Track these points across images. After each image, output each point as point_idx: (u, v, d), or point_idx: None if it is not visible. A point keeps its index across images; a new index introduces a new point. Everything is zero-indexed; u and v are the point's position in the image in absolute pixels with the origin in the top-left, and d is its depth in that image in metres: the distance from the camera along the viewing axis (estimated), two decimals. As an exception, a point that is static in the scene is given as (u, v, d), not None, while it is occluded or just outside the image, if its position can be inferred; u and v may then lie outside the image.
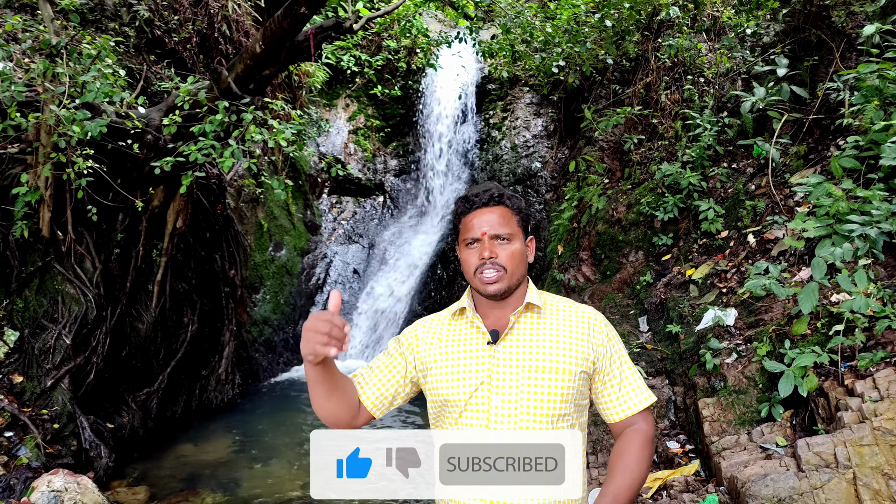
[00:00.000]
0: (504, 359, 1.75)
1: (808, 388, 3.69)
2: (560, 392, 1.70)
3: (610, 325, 1.85)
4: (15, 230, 5.21)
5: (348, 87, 10.89)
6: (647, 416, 1.82)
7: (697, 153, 6.37)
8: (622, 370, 1.81)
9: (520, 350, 1.75)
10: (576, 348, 1.75)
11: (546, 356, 1.73)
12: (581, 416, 1.79)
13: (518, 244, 1.81)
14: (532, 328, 1.78)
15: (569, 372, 1.71)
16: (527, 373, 1.71)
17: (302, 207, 9.85)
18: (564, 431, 1.72)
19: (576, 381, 1.72)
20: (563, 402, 1.70)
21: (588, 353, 1.76)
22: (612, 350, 1.81)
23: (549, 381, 1.70)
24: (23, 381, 5.24)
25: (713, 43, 7.52)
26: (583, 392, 1.77)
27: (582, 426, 1.80)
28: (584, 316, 1.82)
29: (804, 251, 4.69)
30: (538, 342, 1.75)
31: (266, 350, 8.46)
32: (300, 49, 5.71)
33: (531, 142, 9.74)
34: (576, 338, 1.76)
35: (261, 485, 5.38)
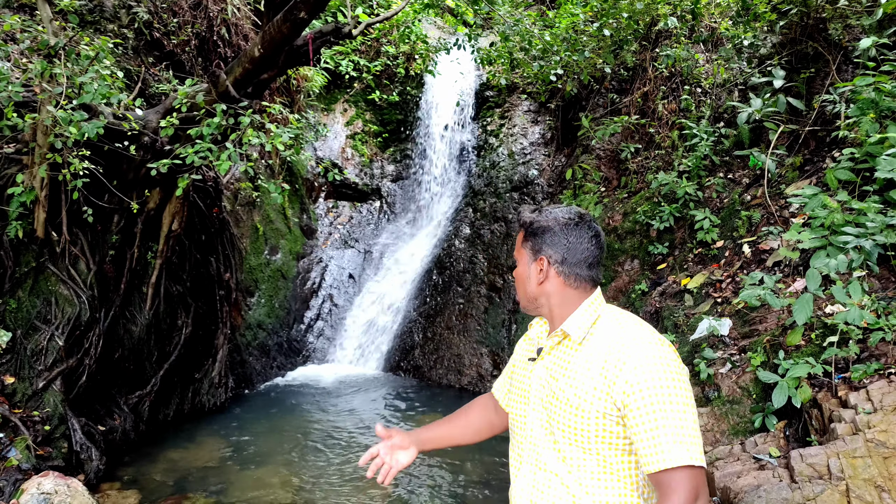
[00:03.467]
0: (537, 377, 1.81)
1: (802, 399, 3.70)
2: (573, 423, 1.65)
3: (653, 369, 1.56)
4: (9, 230, 5.19)
5: (346, 91, 10.91)
6: (682, 483, 1.51)
7: (694, 163, 6.39)
8: (649, 422, 1.55)
9: (549, 374, 1.76)
10: (590, 389, 1.63)
11: (563, 386, 1.69)
12: (625, 460, 1.64)
13: (520, 267, 1.85)
14: (562, 355, 1.75)
15: (582, 408, 1.64)
16: (549, 397, 1.74)
17: (298, 211, 9.84)
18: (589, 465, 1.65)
19: (592, 418, 1.62)
20: (578, 434, 1.64)
21: (607, 396, 1.61)
22: (637, 399, 1.56)
23: (564, 411, 1.67)
24: (14, 382, 5.21)
25: (710, 53, 7.56)
26: (611, 433, 1.62)
27: (629, 476, 1.64)
28: (614, 357, 1.62)
29: (799, 262, 4.70)
30: (561, 370, 1.73)
31: (260, 354, 8.43)
32: (299, 53, 5.72)
33: (528, 149, 9.76)
34: (595, 380, 1.63)
35: (252, 490, 5.35)
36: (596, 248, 1.76)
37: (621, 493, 1.64)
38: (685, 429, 1.53)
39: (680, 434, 1.52)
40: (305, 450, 6.19)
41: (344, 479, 5.57)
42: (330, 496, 5.26)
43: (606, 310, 1.76)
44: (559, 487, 1.69)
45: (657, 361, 1.58)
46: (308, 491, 5.34)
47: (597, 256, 1.77)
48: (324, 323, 9.43)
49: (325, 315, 9.49)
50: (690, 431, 1.54)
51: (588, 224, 1.78)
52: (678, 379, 1.57)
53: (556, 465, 1.70)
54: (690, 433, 1.53)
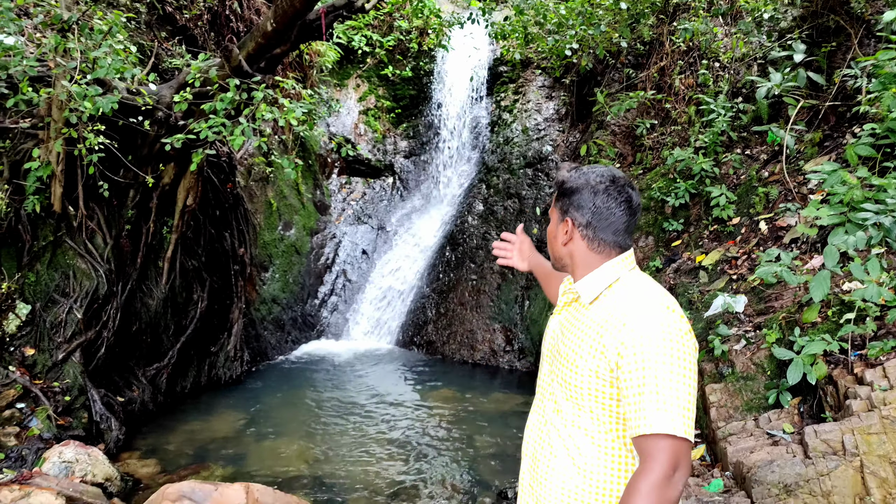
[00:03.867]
0: (551, 330, 1.87)
1: (817, 376, 3.69)
2: (569, 379, 1.68)
3: (650, 334, 1.53)
4: (27, 205, 5.24)
5: (359, 67, 10.83)
6: (661, 452, 1.48)
7: (710, 139, 6.31)
8: (637, 385, 1.52)
9: (560, 328, 1.81)
10: (588, 348, 1.63)
11: (566, 342, 1.73)
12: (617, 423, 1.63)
13: (551, 225, 1.86)
14: (574, 313, 1.78)
15: (578, 365, 1.65)
16: (554, 351, 1.79)
17: (311, 187, 9.85)
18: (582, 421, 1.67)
19: (585, 376, 1.62)
20: (575, 389, 1.66)
21: (602, 356, 1.60)
22: (629, 361, 1.53)
23: (563, 366, 1.71)
24: (34, 353, 5.30)
25: (729, 27, 7.42)
26: (604, 394, 1.61)
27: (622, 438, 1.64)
28: (615, 320, 1.59)
29: (817, 239, 4.66)
30: (567, 327, 1.76)
31: (274, 328, 8.51)
32: (311, 28, 5.68)
33: (542, 125, 9.68)
34: (593, 340, 1.62)
35: (268, 460, 5.44)
36: (626, 215, 1.69)
37: (612, 452, 1.64)
38: (674, 398, 1.48)
39: (667, 402, 1.48)
40: (320, 422, 6.27)
41: (359, 451, 5.64)
42: (345, 467, 5.34)
43: (631, 274, 1.70)
44: (556, 439, 1.73)
45: (658, 327, 1.53)
46: (323, 462, 5.43)
47: (626, 223, 1.70)
48: (337, 298, 9.48)
49: (338, 290, 9.55)
50: (680, 402, 1.49)
51: (620, 188, 1.69)
52: (678, 348, 1.52)
53: (553, 416, 1.75)
54: (680, 403, 1.48)
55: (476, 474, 5.29)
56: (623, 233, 1.71)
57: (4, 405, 4.90)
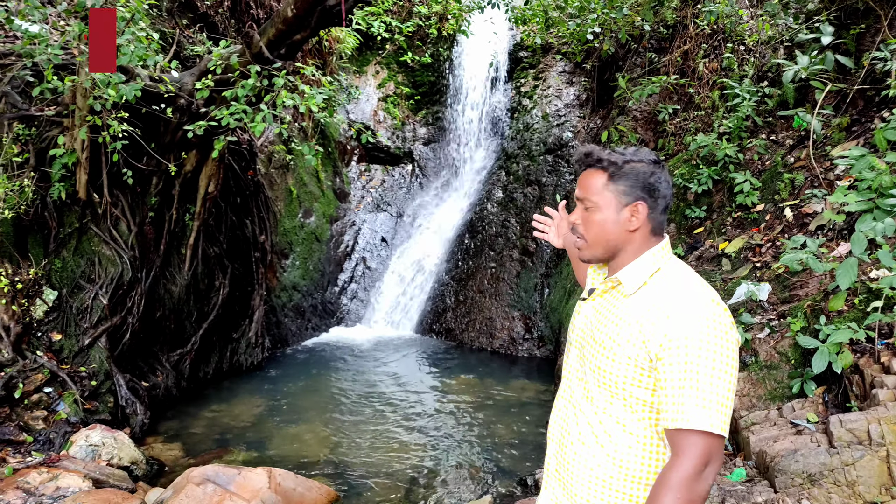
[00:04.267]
0: (584, 316, 1.80)
1: (843, 365, 3.63)
2: (603, 366, 1.64)
3: (695, 328, 1.50)
4: (53, 192, 5.32)
5: (378, 53, 10.80)
6: (693, 447, 1.47)
7: (735, 124, 6.21)
8: (677, 378, 1.50)
9: (594, 315, 1.75)
10: (627, 335, 1.59)
11: (602, 328, 1.68)
12: (650, 412, 1.61)
13: (601, 213, 1.66)
14: (612, 300, 1.70)
15: (615, 352, 1.61)
16: (587, 337, 1.73)
17: (331, 175, 9.87)
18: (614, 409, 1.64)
19: (622, 363, 1.59)
20: (609, 376, 1.63)
21: (642, 344, 1.56)
22: (671, 354, 1.50)
23: (598, 353, 1.67)
24: (61, 338, 5.39)
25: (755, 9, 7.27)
26: (640, 383, 1.59)
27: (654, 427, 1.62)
28: (659, 309, 1.56)
29: (844, 226, 4.57)
30: (605, 314, 1.70)
31: (295, 315, 8.58)
32: (331, 14, 5.66)
33: (563, 111, 9.59)
34: (634, 328, 1.59)
35: (289, 445, 5.50)
36: (671, 191, 1.68)
37: (644, 440, 1.63)
38: (714, 394, 1.46)
39: (706, 398, 1.46)
40: (340, 408, 6.33)
41: (379, 437, 5.68)
42: (365, 453, 5.38)
43: (670, 263, 1.67)
44: (585, 426, 1.71)
45: (703, 320, 1.50)
46: (343, 448, 5.48)
47: (671, 201, 1.69)
48: (357, 285, 9.53)
49: (358, 278, 9.58)
50: (719, 398, 1.46)
51: (664, 165, 1.69)
52: (722, 343, 1.49)
53: (584, 404, 1.72)
54: (719, 399, 1.46)
55: (496, 461, 5.31)
56: (667, 212, 1.71)
57: (32, 389, 5.00)
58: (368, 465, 5.18)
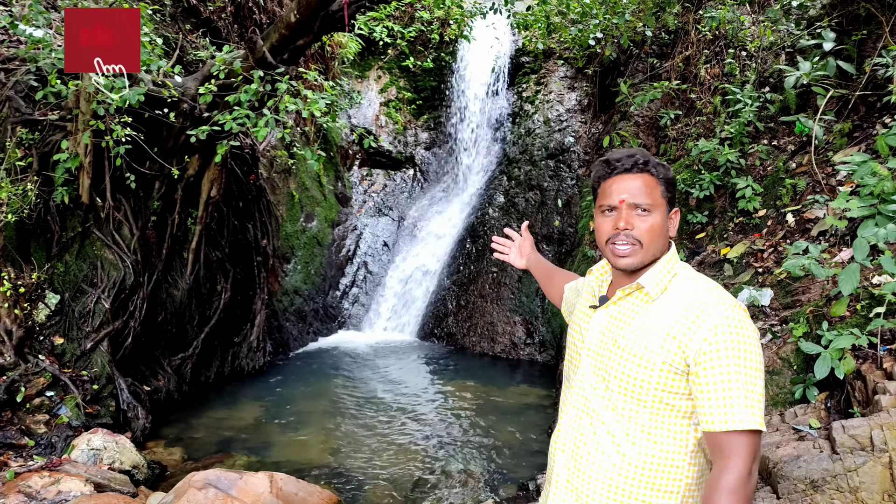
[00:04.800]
0: (597, 323, 1.77)
1: (846, 371, 3.63)
2: (631, 373, 1.62)
3: (732, 330, 1.54)
4: (56, 196, 5.33)
5: (380, 58, 10.83)
6: (745, 448, 1.50)
7: (737, 129, 6.22)
8: (722, 381, 1.52)
9: (613, 322, 1.72)
10: (661, 341, 1.59)
11: (627, 335, 1.66)
12: (678, 418, 1.62)
13: (659, 217, 1.69)
14: (631, 306, 1.70)
15: (646, 358, 1.60)
16: (609, 344, 1.70)
17: (333, 179, 9.89)
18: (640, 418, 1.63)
19: (656, 369, 1.59)
20: (636, 384, 1.62)
21: (678, 349, 1.57)
22: (713, 357, 1.53)
23: (624, 359, 1.64)
24: (63, 342, 5.40)
25: (757, 15, 7.29)
26: (672, 388, 1.59)
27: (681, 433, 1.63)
28: (692, 313, 1.58)
29: (846, 231, 4.57)
30: (627, 320, 1.68)
31: (296, 319, 8.58)
32: (334, 19, 5.68)
33: (564, 116, 9.61)
34: (667, 332, 1.59)
35: (290, 450, 5.50)
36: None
37: (669, 448, 1.62)
38: (757, 392, 1.52)
39: (752, 397, 1.51)
40: (341, 413, 6.32)
41: (380, 442, 5.68)
42: (366, 457, 5.38)
43: (682, 268, 1.72)
44: (605, 436, 1.68)
45: (737, 323, 1.55)
46: (345, 452, 5.47)
47: None
48: (359, 290, 9.53)
49: (359, 282, 9.59)
50: (760, 396, 1.52)
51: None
52: (754, 342, 1.55)
53: (604, 413, 1.69)
54: (759, 397, 1.52)
55: (497, 466, 5.30)
56: None
57: (34, 393, 5.01)
58: (370, 470, 5.18)
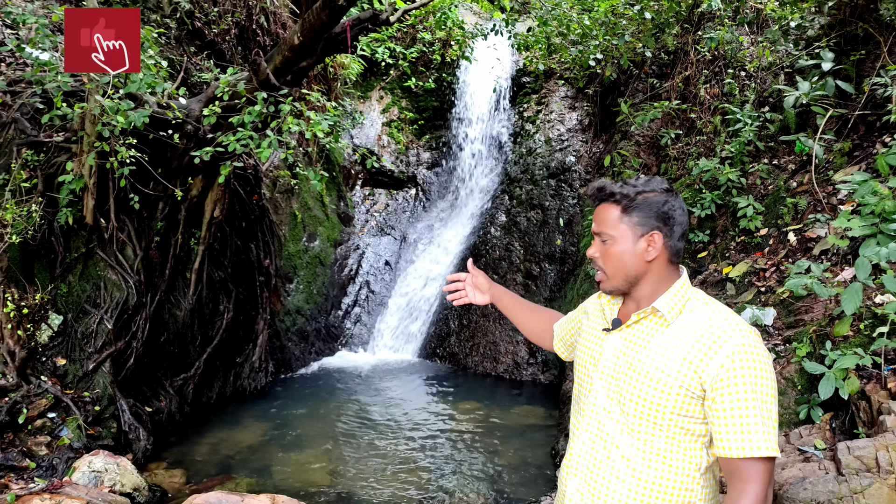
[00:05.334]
0: (611, 347, 1.77)
1: (850, 391, 3.61)
2: (648, 397, 1.62)
3: (749, 357, 1.55)
4: (60, 217, 5.35)
5: (382, 79, 10.92)
6: (761, 473, 1.53)
7: (737, 149, 6.25)
8: (739, 407, 1.53)
9: (628, 346, 1.73)
10: (678, 365, 1.60)
11: (644, 359, 1.66)
12: (691, 441, 1.64)
13: (620, 245, 1.71)
14: (647, 329, 1.71)
15: (662, 382, 1.61)
16: (624, 368, 1.71)
17: (335, 199, 9.93)
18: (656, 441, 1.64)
19: (672, 393, 1.60)
20: (652, 408, 1.62)
21: (695, 374, 1.58)
22: (730, 384, 1.54)
23: (641, 383, 1.65)
24: (66, 363, 5.39)
25: (756, 36, 7.36)
26: (687, 412, 1.61)
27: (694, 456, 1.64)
28: (709, 338, 1.59)
29: (847, 250, 4.58)
30: (644, 343, 1.69)
31: (298, 339, 8.57)
32: (337, 41, 5.75)
33: (565, 135, 9.66)
34: (684, 357, 1.60)
35: (293, 471, 5.47)
36: (686, 217, 1.73)
37: (683, 470, 1.63)
38: (771, 419, 1.54)
39: (767, 424, 1.53)
40: (344, 434, 6.29)
41: (382, 463, 5.64)
42: (368, 480, 5.34)
43: (695, 293, 1.73)
44: (619, 460, 1.67)
45: (754, 350, 1.57)
46: (346, 474, 5.44)
47: (687, 227, 1.74)
48: (361, 309, 9.53)
49: (362, 301, 9.59)
50: (774, 422, 1.55)
51: (677, 192, 1.74)
52: (769, 370, 1.57)
53: (619, 436, 1.69)
54: (774, 424, 1.55)
55: (500, 487, 5.26)
56: (685, 238, 1.76)
57: (36, 415, 4.99)
58: (371, 492, 5.14)
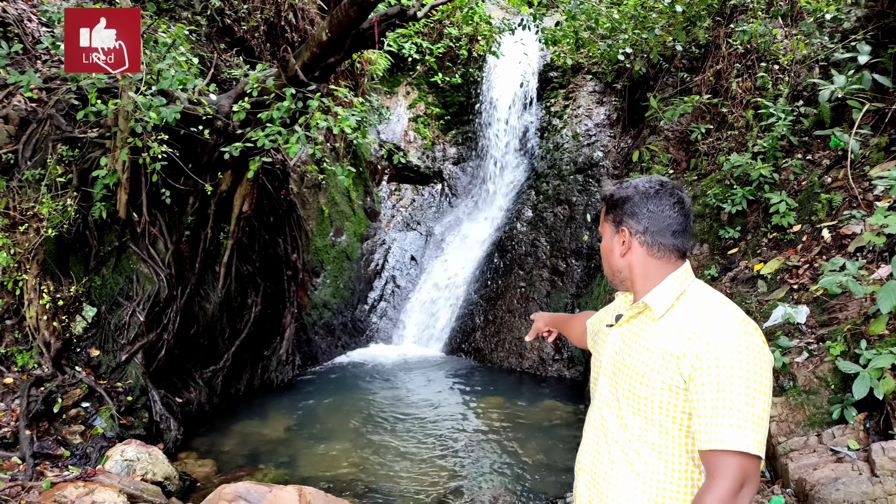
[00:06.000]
0: (612, 343, 1.80)
1: (885, 391, 3.53)
2: (638, 392, 1.63)
3: (728, 346, 1.49)
4: (94, 211, 5.47)
5: (409, 74, 10.94)
6: (729, 469, 1.46)
7: (770, 144, 6.14)
8: (710, 399, 1.49)
9: (623, 341, 1.75)
10: (660, 359, 1.59)
11: (633, 354, 1.68)
12: (685, 436, 1.61)
13: (604, 243, 1.85)
14: (640, 325, 1.71)
15: (649, 377, 1.61)
16: (619, 363, 1.73)
17: (362, 194, 9.98)
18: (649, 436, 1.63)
19: (657, 388, 1.59)
20: (645, 402, 1.62)
21: (675, 368, 1.56)
22: (704, 374, 1.50)
23: (631, 378, 1.66)
24: (99, 354, 5.51)
25: (790, 29, 7.21)
26: (674, 406, 1.58)
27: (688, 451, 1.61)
28: (690, 330, 1.56)
29: (884, 248, 4.47)
30: (635, 339, 1.70)
31: (325, 333, 8.64)
32: (364, 37, 5.76)
33: (593, 130, 9.58)
34: (666, 349, 1.59)
35: (319, 463, 5.52)
36: (680, 215, 1.69)
37: (679, 466, 1.61)
38: (749, 414, 1.46)
39: (741, 418, 1.45)
40: (369, 427, 6.33)
41: (407, 457, 5.67)
42: (393, 472, 5.37)
43: (694, 285, 1.69)
44: (618, 454, 1.68)
45: (735, 340, 1.50)
46: (372, 467, 5.47)
47: (682, 224, 1.69)
48: (387, 304, 9.57)
49: (388, 296, 9.63)
50: (754, 418, 1.46)
51: (670, 191, 1.70)
52: (754, 362, 1.49)
53: (618, 431, 1.70)
54: (754, 420, 1.46)
55: (525, 483, 5.25)
56: (681, 234, 1.70)
57: (71, 404, 5.12)
58: (396, 485, 5.17)
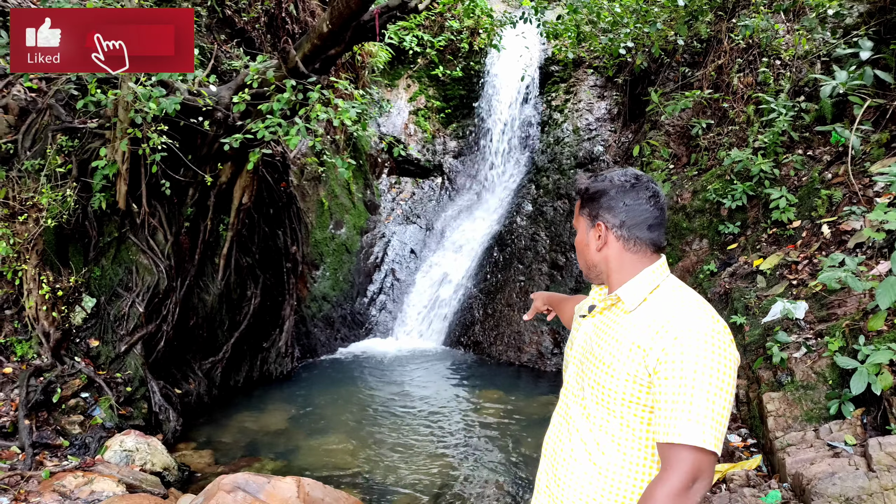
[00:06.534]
0: (583, 332, 1.82)
1: (883, 387, 3.54)
2: (602, 382, 1.63)
3: (693, 341, 1.50)
4: (93, 202, 5.46)
5: (410, 67, 10.90)
6: (683, 462, 1.46)
7: (770, 139, 6.13)
8: (671, 392, 1.50)
9: (593, 332, 1.76)
10: (627, 351, 1.59)
11: (602, 344, 1.68)
12: (646, 430, 1.61)
13: (579, 236, 1.83)
14: (612, 317, 1.71)
15: (614, 368, 1.61)
16: (586, 353, 1.75)
17: (362, 187, 9.97)
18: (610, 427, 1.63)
19: (621, 379, 1.59)
20: (609, 392, 1.62)
21: (641, 360, 1.56)
22: (667, 367, 1.51)
23: (596, 368, 1.67)
24: (98, 345, 5.52)
25: (792, 24, 7.19)
26: (637, 399, 1.59)
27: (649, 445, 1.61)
28: (657, 324, 1.56)
29: (884, 244, 4.47)
30: (604, 330, 1.71)
31: (324, 325, 8.65)
32: (365, 29, 5.75)
33: (594, 125, 9.56)
34: (633, 342, 1.59)
35: (317, 455, 5.54)
36: (655, 209, 1.68)
37: (635, 460, 1.62)
38: (709, 410, 1.46)
39: (701, 413, 1.46)
40: (368, 419, 6.35)
41: (405, 449, 5.69)
42: (391, 464, 5.39)
43: (668, 281, 1.69)
44: (578, 443, 1.70)
45: (702, 336, 1.51)
46: (370, 458, 5.49)
47: (657, 217, 1.69)
48: (386, 297, 9.57)
49: (387, 289, 9.63)
50: (713, 415, 1.46)
51: (645, 185, 1.69)
52: (720, 360, 1.49)
53: (579, 420, 1.72)
54: (713, 416, 1.46)
55: (522, 476, 5.27)
56: (656, 228, 1.70)
57: (70, 394, 5.13)
58: (395, 477, 5.19)
